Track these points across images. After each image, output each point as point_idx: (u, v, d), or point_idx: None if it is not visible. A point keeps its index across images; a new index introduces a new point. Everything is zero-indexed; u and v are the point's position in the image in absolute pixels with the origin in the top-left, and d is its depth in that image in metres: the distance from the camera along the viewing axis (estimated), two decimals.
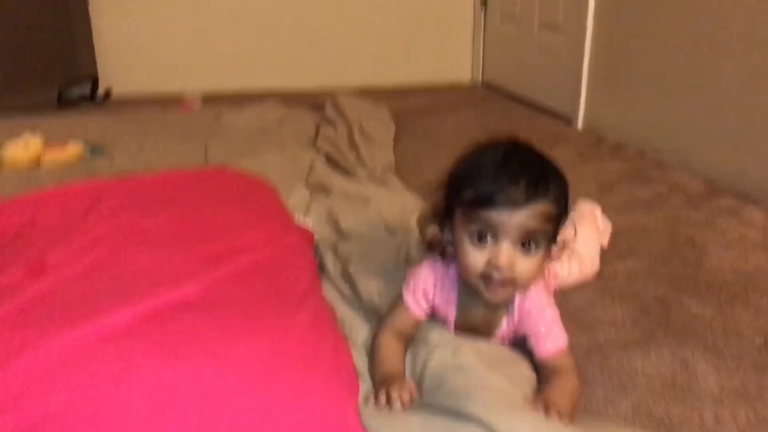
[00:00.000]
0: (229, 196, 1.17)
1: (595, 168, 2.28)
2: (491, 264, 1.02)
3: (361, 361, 1.11)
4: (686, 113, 2.24)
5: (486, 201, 1.00)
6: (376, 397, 0.97)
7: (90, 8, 3.02)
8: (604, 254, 1.59)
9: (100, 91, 3.07)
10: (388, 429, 0.88)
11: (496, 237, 1.01)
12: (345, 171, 2.09)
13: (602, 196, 2.01)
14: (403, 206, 1.76)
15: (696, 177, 2.17)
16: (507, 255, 1.01)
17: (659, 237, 1.73)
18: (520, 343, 1.13)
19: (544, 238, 1.03)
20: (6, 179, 1.96)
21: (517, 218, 0.99)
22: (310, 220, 1.63)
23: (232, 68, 3.38)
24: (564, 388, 1.05)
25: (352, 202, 1.76)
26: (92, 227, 1.00)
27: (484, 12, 3.60)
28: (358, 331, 1.18)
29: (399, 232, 1.57)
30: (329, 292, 1.30)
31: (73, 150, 2.15)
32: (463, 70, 3.80)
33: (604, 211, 1.88)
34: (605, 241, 1.64)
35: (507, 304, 1.12)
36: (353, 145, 2.29)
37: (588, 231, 1.54)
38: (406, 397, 0.97)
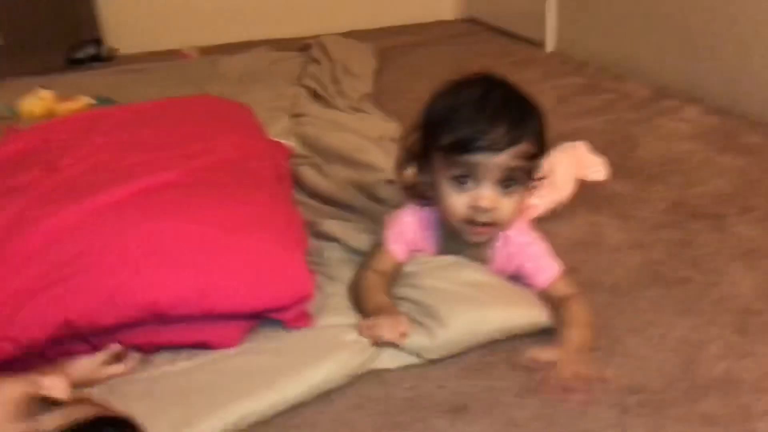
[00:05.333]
0: (209, 113, 1.42)
1: (556, 84, 2.48)
2: (474, 207, 1.02)
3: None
4: (640, 28, 2.42)
5: (467, 146, 0.99)
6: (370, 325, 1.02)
7: None
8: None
9: (106, 51, 3.30)
10: None
11: (477, 180, 1.01)
12: (327, 103, 2.32)
13: (557, 107, 2.22)
14: (376, 131, 1.99)
15: (646, 85, 2.36)
16: (490, 197, 1.02)
17: (600, 135, 1.94)
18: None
19: (524, 176, 1.04)
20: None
21: (500, 161, 0.99)
22: (289, 143, 1.87)
23: (227, 21, 3.58)
24: (577, 325, 1.04)
25: (327, 127, 1.99)
26: (95, 139, 1.26)
27: None
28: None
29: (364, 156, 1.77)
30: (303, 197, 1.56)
31: (84, 102, 2.39)
32: (447, 7, 3.96)
33: (558, 119, 2.10)
34: (590, 174, 1.52)
35: (489, 246, 1.13)
36: (335, 79, 2.51)
37: (562, 157, 1.46)
38: (401, 329, 1.01)
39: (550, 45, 3.00)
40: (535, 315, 1.07)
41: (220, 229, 1.01)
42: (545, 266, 1.13)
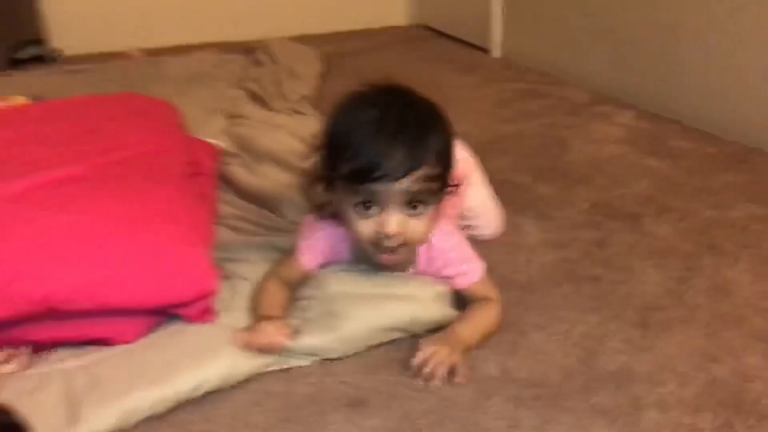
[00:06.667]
0: (127, 110, 1.40)
1: (497, 89, 2.50)
2: (380, 233, 0.99)
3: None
4: (580, 36, 2.46)
5: (364, 176, 0.96)
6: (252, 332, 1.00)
7: None
8: (483, 153, 1.80)
9: (49, 52, 3.25)
10: None
11: (381, 206, 0.99)
12: (265, 104, 2.31)
13: (495, 111, 2.25)
14: (310, 131, 1.98)
15: (585, 90, 2.39)
16: (395, 222, 0.99)
17: (533, 140, 1.97)
18: None
19: (433, 194, 1.01)
20: None
21: (400, 187, 0.97)
22: (221, 143, 1.86)
23: (174, 24, 3.54)
24: (471, 325, 1.06)
25: (261, 128, 1.98)
26: (5, 134, 1.24)
27: None
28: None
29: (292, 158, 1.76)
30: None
31: (17, 101, 2.35)
32: (399, 13, 3.98)
33: (494, 123, 2.12)
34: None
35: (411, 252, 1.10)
36: (277, 81, 2.51)
37: (479, 189, 1.39)
38: (277, 338, 0.99)
39: (496, 51, 3.04)
40: (434, 311, 1.07)
41: (118, 222, 1.00)
42: (465, 271, 1.12)
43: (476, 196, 1.35)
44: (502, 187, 1.63)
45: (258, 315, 1.06)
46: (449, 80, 2.67)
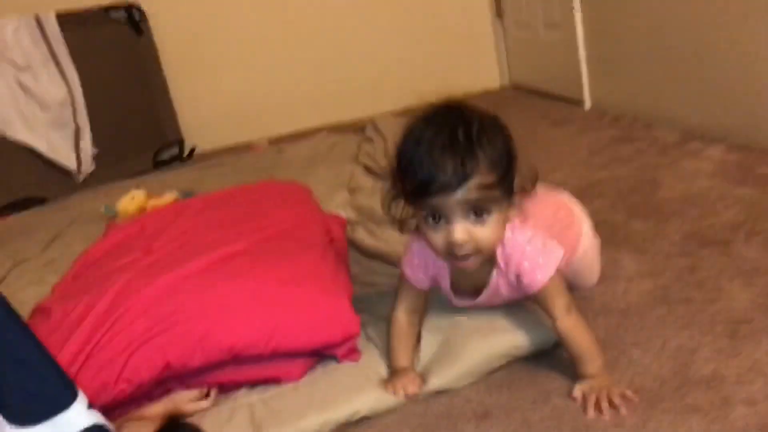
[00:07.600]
0: (269, 194, 1.71)
1: (591, 138, 2.67)
2: (449, 242, 1.07)
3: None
4: (665, 78, 2.61)
5: (423, 191, 1.04)
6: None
7: (169, 84, 3.69)
8: (580, 198, 1.94)
9: (186, 150, 3.71)
10: None
11: (446, 217, 1.06)
12: (379, 176, 2.58)
13: (589, 159, 2.41)
14: None
15: (675, 130, 2.52)
16: (460, 231, 1.05)
17: (627, 182, 2.12)
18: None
19: (494, 201, 1.06)
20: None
21: (456, 198, 1.03)
22: (346, 213, 2.14)
23: (291, 112, 3.95)
24: (588, 359, 1.15)
25: (377, 197, 2.24)
26: (181, 224, 1.56)
27: (500, 22, 4.05)
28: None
29: None
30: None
31: (169, 197, 2.73)
32: (492, 76, 4.23)
33: (589, 170, 2.29)
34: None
35: (491, 260, 1.18)
36: (387, 154, 2.79)
37: (587, 239, 1.47)
38: (411, 390, 1.18)
39: (587, 103, 3.21)
40: (533, 338, 1.26)
41: (278, 283, 1.27)
42: (541, 264, 1.16)
43: (583, 246, 1.43)
44: (599, 227, 1.78)
45: (392, 366, 1.24)
46: (545, 134, 2.87)
